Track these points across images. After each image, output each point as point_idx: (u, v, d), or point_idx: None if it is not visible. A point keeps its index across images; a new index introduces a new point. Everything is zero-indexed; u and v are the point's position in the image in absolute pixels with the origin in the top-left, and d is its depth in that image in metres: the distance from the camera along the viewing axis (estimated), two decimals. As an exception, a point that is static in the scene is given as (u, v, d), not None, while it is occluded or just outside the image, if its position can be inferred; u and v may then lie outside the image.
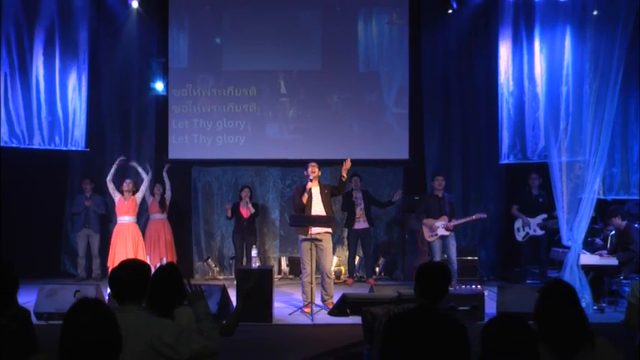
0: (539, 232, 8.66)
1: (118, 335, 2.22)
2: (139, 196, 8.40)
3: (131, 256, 7.55)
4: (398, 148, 9.63)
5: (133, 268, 2.92)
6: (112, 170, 8.50)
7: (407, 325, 2.87)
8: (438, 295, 2.97)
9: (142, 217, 9.04)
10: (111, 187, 8.31)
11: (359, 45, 9.64)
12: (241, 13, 9.62)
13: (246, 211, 8.97)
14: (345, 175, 7.04)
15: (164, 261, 8.51)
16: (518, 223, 8.84)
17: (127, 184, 8.13)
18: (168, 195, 8.96)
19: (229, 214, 9.04)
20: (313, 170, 7.05)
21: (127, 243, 7.72)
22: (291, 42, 9.59)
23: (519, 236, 8.83)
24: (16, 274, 2.88)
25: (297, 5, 9.69)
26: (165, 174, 8.95)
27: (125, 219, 7.86)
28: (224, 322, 3.65)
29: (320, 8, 9.64)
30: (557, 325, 2.59)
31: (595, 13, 7.35)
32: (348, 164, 6.97)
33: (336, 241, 9.32)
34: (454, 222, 8.23)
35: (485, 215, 8.53)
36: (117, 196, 8.20)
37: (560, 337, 2.58)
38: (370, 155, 9.50)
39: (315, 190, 7.08)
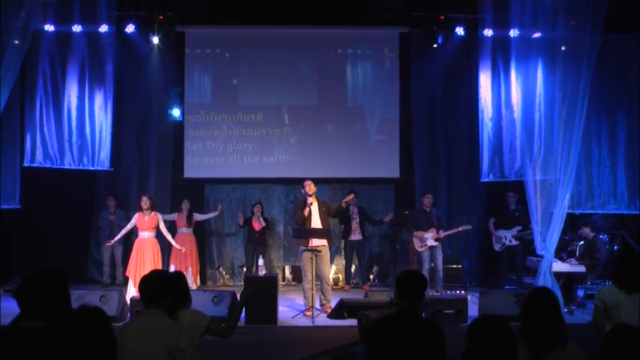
0: (515, 243, 8.73)
1: (114, 342, 2.31)
2: (161, 217, 7.96)
3: (148, 268, 7.55)
4: (388, 168, 9.73)
5: (156, 277, 2.98)
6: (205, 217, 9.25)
7: (390, 327, 2.92)
8: (417, 299, 3.02)
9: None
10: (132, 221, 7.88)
11: (347, 84, 9.85)
12: (251, 57, 9.79)
13: (258, 224, 9.07)
14: (344, 205, 7.43)
15: (190, 270, 8.57)
16: (498, 234, 8.92)
17: (145, 202, 7.75)
18: (200, 218, 9.10)
19: (242, 222, 9.07)
20: (310, 187, 7.15)
21: (146, 256, 7.61)
22: (294, 82, 9.81)
23: (497, 247, 8.91)
24: (66, 282, 2.89)
25: (298, 51, 9.85)
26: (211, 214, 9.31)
27: (145, 234, 7.64)
28: (223, 325, 3.71)
29: (316, 54, 9.86)
30: (537, 326, 2.66)
31: (563, 48, 7.49)
32: (349, 198, 7.46)
33: (334, 251, 9.38)
34: (442, 233, 8.30)
35: (470, 227, 8.60)
36: (135, 215, 7.85)
37: (537, 336, 2.64)
38: (359, 174, 9.66)
39: (314, 205, 7.17)
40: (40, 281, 2.68)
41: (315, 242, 7.00)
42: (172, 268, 8.53)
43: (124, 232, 7.92)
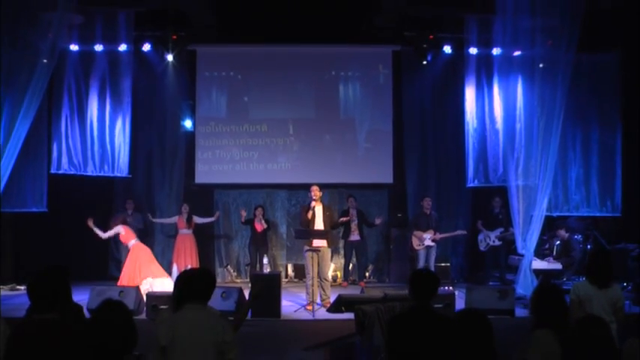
0: (498, 243, 8.76)
1: (135, 331, 2.37)
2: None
3: (144, 270, 7.57)
4: (382, 174, 9.78)
5: (201, 273, 2.94)
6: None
7: (409, 322, 2.96)
8: (430, 296, 3.04)
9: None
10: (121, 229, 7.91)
11: (340, 100, 9.93)
12: (257, 74, 9.86)
13: (260, 226, 9.10)
14: (341, 222, 7.93)
15: (189, 268, 8.57)
16: (480, 236, 8.97)
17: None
18: (199, 221, 9.06)
19: (243, 219, 9.08)
20: (315, 192, 7.19)
21: (138, 260, 7.63)
22: (295, 97, 9.89)
23: (481, 246, 8.93)
24: (68, 279, 2.87)
25: (299, 70, 9.91)
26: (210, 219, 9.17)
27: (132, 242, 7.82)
28: (231, 319, 3.72)
29: (315, 73, 9.94)
30: (557, 316, 2.71)
31: (541, 65, 7.58)
32: (345, 219, 8.03)
33: (333, 251, 9.38)
34: (439, 235, 8.31)
35: (465, 232, 8.61)
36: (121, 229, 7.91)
37: (560, 325, 2.69)
38: (354, 179, 9.70)
39: (319, 208, 7.19)
40: (50, 277, 2.72)
41: (317, 243, 7.05)
42: (175, 268, 8.58)
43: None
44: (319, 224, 7.11)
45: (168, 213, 9.36)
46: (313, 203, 7.14)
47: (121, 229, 7.81)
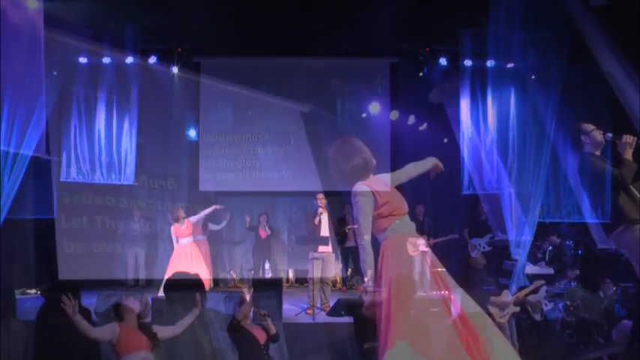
0: (488, 249, 8.73)
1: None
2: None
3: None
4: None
5: (181, 280, 3.01)
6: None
7: None
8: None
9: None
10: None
11: (338, 111, 10.03)
12: (259, 85, 9.85)
13: (264, 232, 9.12)
14: (348, 228, 7.98)
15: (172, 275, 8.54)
16: (472, 243, 8.95)
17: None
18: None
19: (248, 225, 9.09)
20: (321, 200, 7.23)
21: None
22: (295, 108, 9.89)
23: (473, 253, 8.91)
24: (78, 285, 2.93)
25: (300, 84, 9.90)
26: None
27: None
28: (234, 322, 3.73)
29: (315, 86, 9.96)
30: None
31: (533, 77, 7.61)
32: (351, 227, 7.73)
33: (335, 256, 9.39)
34: (433, 240, 8.32)
35: (457, 235, 8.61)
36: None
37: None
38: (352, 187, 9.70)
39: (324, 216, 7.23)
40: (67, 285, 2.75)
41: (322, 249, 7.06)
42: None
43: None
44: (325, 231, 7.16)
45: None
46: (320, 210, 7.18)
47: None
